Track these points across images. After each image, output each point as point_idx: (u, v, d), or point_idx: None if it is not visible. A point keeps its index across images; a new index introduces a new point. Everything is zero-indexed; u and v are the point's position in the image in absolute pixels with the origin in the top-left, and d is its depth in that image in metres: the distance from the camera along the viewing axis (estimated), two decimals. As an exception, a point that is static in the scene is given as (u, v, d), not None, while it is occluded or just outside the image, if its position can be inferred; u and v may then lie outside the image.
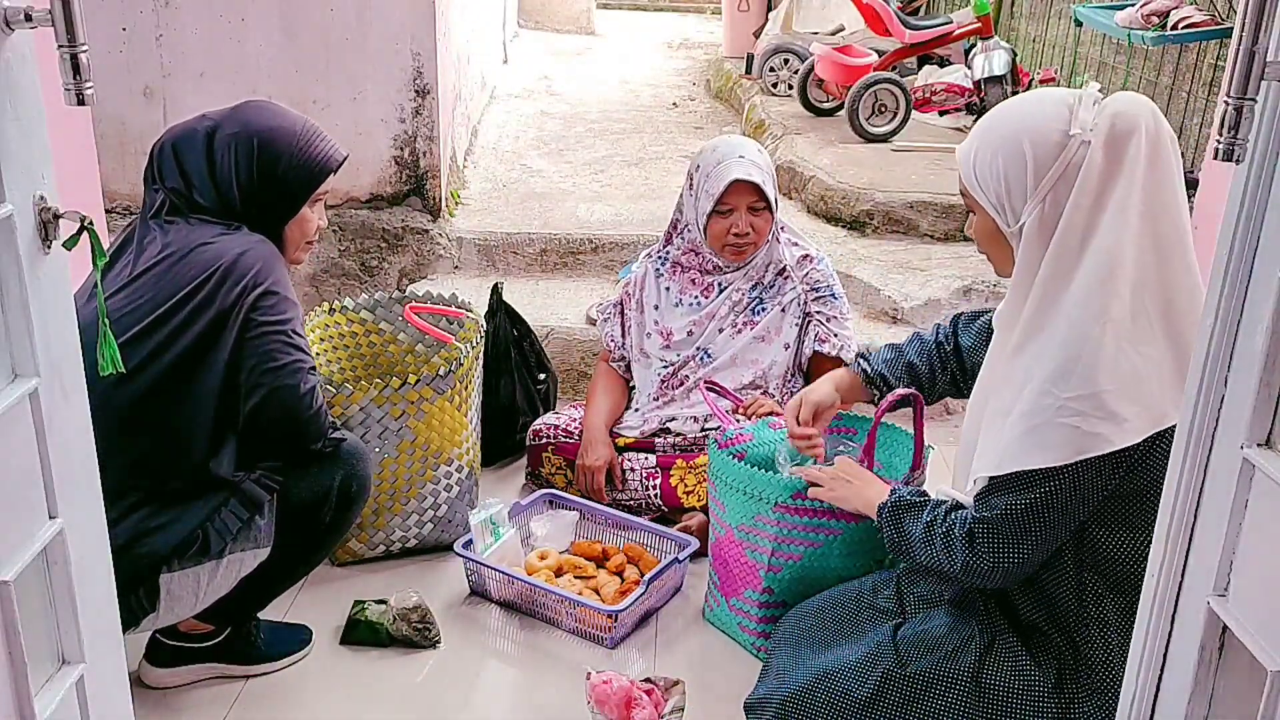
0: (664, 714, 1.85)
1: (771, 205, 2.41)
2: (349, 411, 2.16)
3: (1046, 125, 1.49)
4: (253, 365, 1.73)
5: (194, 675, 1.95)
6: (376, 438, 2.19)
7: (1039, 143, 1.48)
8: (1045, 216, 1.49)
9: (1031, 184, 1.49)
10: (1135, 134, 1.45)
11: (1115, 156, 1.45)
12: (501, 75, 5.91)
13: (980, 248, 1.65)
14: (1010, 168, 1.50)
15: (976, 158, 1.55)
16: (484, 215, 3.81)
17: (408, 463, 2.25)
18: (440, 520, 2.35)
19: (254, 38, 3.37)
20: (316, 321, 2.51)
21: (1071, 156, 1.46)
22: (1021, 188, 1.50)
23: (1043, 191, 1.48)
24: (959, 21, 4.81)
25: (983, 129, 1.57)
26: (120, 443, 1.66)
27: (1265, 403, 0.95)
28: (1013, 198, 1.51)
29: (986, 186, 1.54)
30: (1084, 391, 1.42)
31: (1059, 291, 1.48)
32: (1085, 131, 1.46)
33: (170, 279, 1.72)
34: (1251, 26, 0.89)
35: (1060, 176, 1.47)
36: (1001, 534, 1.53)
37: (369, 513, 2.25)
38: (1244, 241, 0.96)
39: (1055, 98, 1.52)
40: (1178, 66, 3.60)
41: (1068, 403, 1.43)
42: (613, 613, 2.06)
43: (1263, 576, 0.96)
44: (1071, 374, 1.44)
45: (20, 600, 0.96)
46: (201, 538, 1.75)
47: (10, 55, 0.93)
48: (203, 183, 1.80)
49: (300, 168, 1.86)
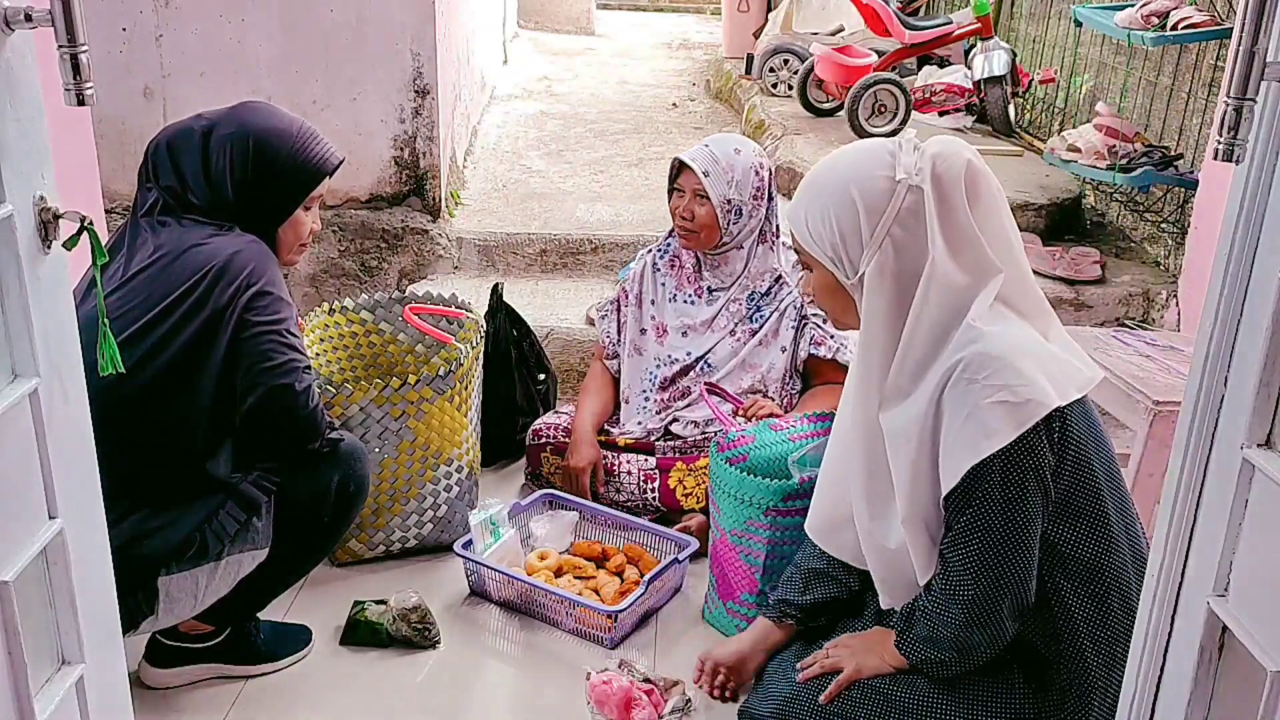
0: (664, 714, 1.85)
1: (714, 201, 2.39)
2: (349, 411, 2.16)
3: (873, 173, 1.54)
4: (248, 366, 1.73)
5: (194, 675, 1.95)
6: (376, 438, 2.19)
7: (867, 191, 1.53)
8: (884, 262, 1.54)
9: (866, 233, 1.54)
10: (958, 172, 1.52)
11: (942, 195, 1.52)
12: (501, 75, 5.91)
13: (819, 303, 1.68)
14: (843, 219, 1.55)
15: (808, 214, 1.59)
16: (484, 215, 3.81)
17: (408, 463, 2.25)
18: (440, 520, 2.35)
19: (254, 38, 3.37)
20: (316, 322, 2.51)
21: (901, 201, 1.52)
22: (857, 237, 1.54)
23: (878, 239, 1.53)
24: (959, 22, 4.81)
25: (809, 185, 1.61)
26: (117, 445, 1.64)
27: (1265, 403, 0.95)
28: (849, 248, 1.55)
29: (822, 240, 1.58)
30: (995, 367, 1.47)
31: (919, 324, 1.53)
32: (911, 176, 1.52)
33: (163, 280, 1.72)
34: (1251, 27, 0.89)
35: (894, 221, 1.52)
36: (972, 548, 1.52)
37: (369, 513, 2.25)
38: (1244, 241, 0.96)
39: (875, 147, 1.58)
40: (1178, 66, 3.60)
41: (987, 383, 1.47)
42: (612, 613, 2.06)
43: (1263, 576, 0.96)
44: (975, 362, 1.48)
45: (20, 600, 0.96)
46: (199, 540, 1.74)
47: (10, 55, 0.93)
48: (197, 182, 1.80)
49: (296, 169, 1.85)
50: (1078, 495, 1.55)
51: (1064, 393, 1.50)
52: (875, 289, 1.55)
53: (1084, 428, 1.55)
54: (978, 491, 1.50)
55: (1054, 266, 3.44)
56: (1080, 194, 3.96)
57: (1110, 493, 1.59)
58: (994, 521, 1.50)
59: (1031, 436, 1.47)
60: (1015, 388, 1.46)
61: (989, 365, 1.47)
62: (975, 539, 1.52)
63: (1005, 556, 1.52)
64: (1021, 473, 1.49)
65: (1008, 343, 1.50)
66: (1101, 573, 1.58)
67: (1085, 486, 1.56)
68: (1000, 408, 1.46)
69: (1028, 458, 1.48)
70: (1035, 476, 1.50)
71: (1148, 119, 3.79)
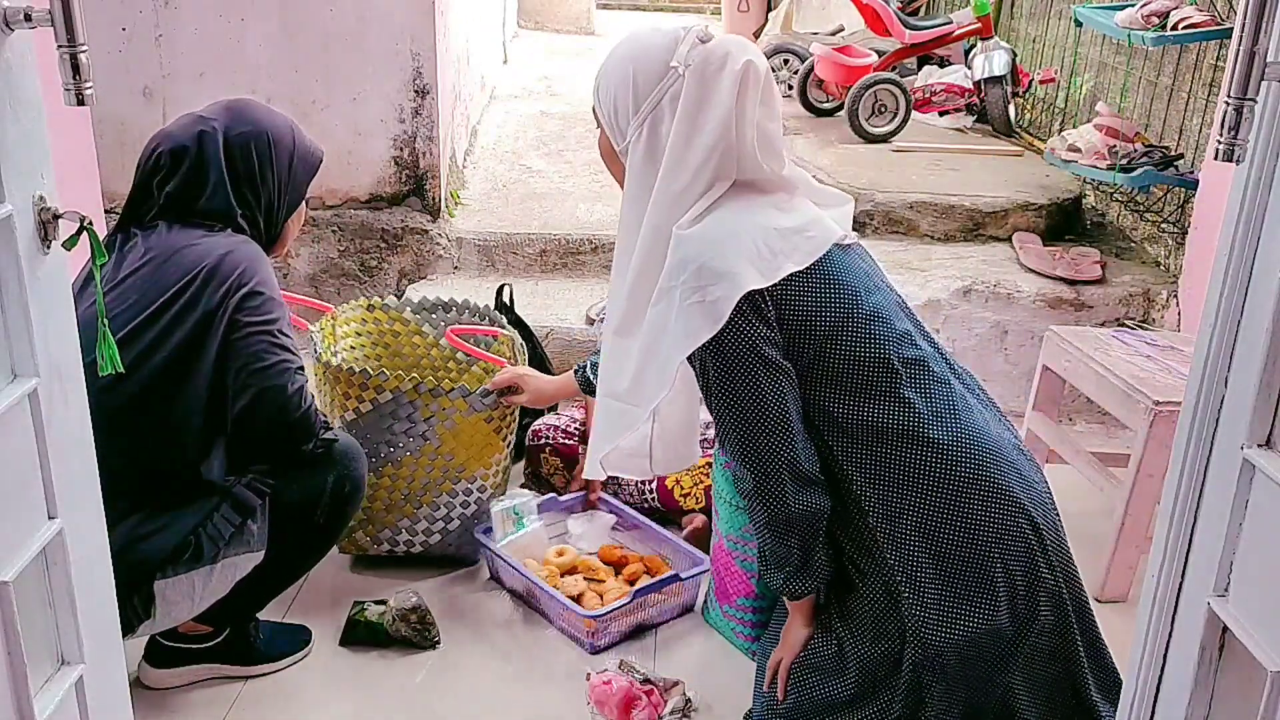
0: (664, 714, 1.85)
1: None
2: (381, 398, 2.13)
3: (653, 54, 1.63)
4: (240, 366, 1.72)
5: (193, 676, 1.95)
6: (402, 433, 2.17)
7: (642, 69, 1.63)
8: (647, 139, 1.64)
9: (633, 108, 1.64)
10: (724, 68, 1.59)
11: (702, 89, 1.59)
12: (501, 75, 5.91)
13: (604, 163, 1.80)
14: (619, 89, 1.65)
15: (599, 77, 1.70)
16: (484, 215, 3.81)
17: (428, 467, 2.21)
18: (450, 534, 2.28)
19: (254, 38, 3.37)
20: (353, 315, 2.49)
21: (669, 86, 1.61)
22: (626, 109, 1.65)
23: (642, 116, 1.63)
24: (959, 22, 4.81)
25: (611, 51, 1.71)
26: (111, 447, 1.64)
27: (1265, 403, 0.95)
28: (619, 117, 1.66)
29: (603, 104, 1.69)
30: (690, 270, 1.56)
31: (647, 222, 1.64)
32: (682, 65, 1.60)
33: (155, 282, 1.71)
34: (1251, 27, 0.89)
35: (657, 104, 1.62)
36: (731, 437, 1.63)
37: (380, 507, 2.22)
38: (1244, 241, 0.97)
39: (670, 31, 1.66)
40: (1178, 67, 3.60)
41: (684, 286, 1.57)
42: (590, 617, 2.05)
43: (1263, 576, 0.96)
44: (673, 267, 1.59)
45: (20, 601, 0.96)
46: (195, 543, 1.74)
47: (10, 55, 0.93)
48: (220, 185, 1.79)
49: (304, 159, 1.91)
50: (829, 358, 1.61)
51: (774, 271, 1.57)
52: (631, 162, 1.67)
53: (809, 297, 1.60)
54: (706, 383, 1.63)
55: (1054, 266, 3.44)
56: (1080, 194, 3.96)
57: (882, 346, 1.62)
58: (731, 406, 1.61)
59: (738, 321, 1.56)
60: (706, 288, 1.55)
61: (684, 269, 1.57)
62: (728, 428, 1.63)
63: (756, 434, 1.61)
64: (736, 356, 1.58)
65: (708, 240, 1.57)
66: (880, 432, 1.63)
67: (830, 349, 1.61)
68: (696, 308, 1.56)
69: (737, 342, 1.58)
70: (754, 355, 1.58)
71: (1148, 119, 3.79)
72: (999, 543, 1.61)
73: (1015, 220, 3.78)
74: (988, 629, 1.61)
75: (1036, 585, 1.63)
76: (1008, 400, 3.28)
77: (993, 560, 1.61)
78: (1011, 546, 1.62)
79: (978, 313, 3.30)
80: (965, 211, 3.78)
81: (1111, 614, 2.25)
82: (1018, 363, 3.29)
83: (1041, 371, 2.58)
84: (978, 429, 1.65)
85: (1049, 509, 1.69)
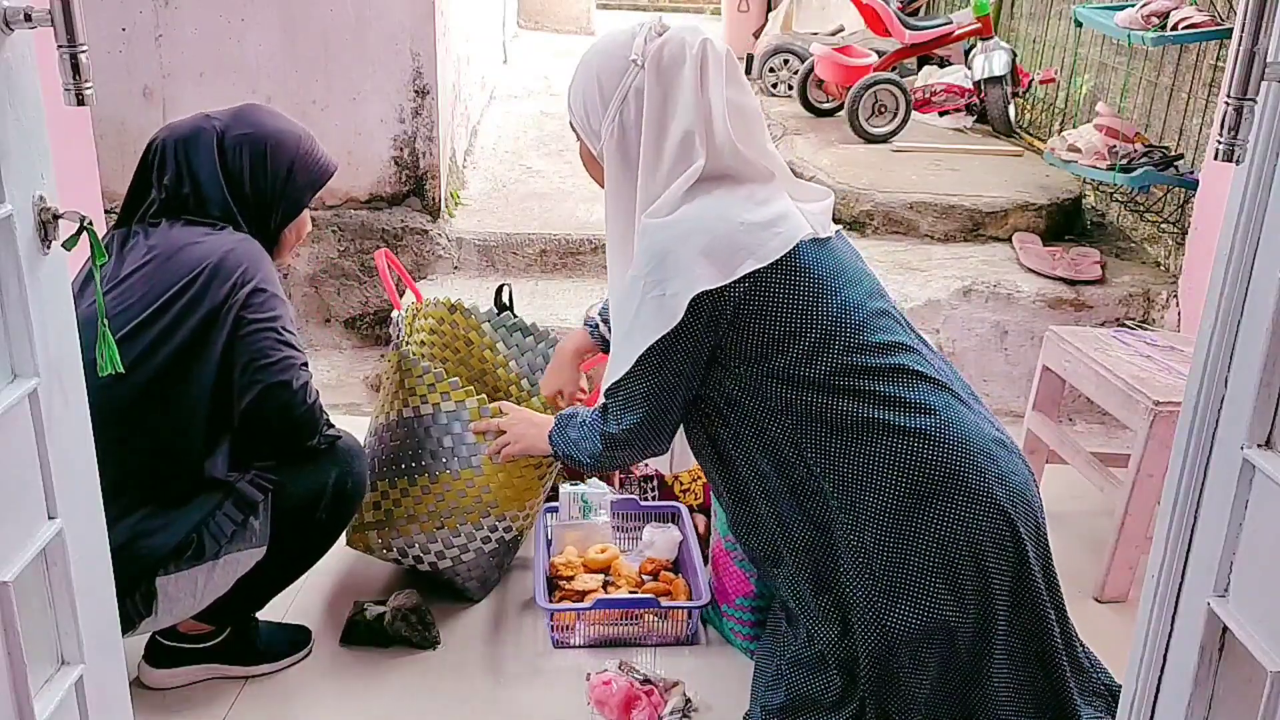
0: (664, 714, 1.85)
1: None
2: (444, 404, 2.06)
3: (613, 52, 1.67)
4: (245, 363, 1.73)
5: (193, 676, 1.95)
6: (448, 449, 2.07)
7: (605, 69, 1.67)
8: (618, 136, 1.67)
9: (601, 108, 1.68)
10: (682, 54, 1.62)
11: (665, 80, 1.63)
12: (501, 75, 5.91)
13: (587, 171, 1.83)
14: (587, 92, 1.70)
15: (570, 88, 1.74)
16: (484, 215, 3.81)
17: (461, 493, 2.08)
18: (461, 564, 2.16)
19: (254, 38, 3.37)
20: (434, 311, 2.41)
21: (632, 80, 1.65)
22: (596, 110, 1.69)
23: (611, 114, 1.67)
24: (959, 22, 4.81)
25: (578, 63, 1.74)
26: (115, 445, 1.65)
27: (1265, 403, 0.95)
28: (591, 119, 1.70)
29: (574, 111, 1.73)
30: (653, 264, 1.60)
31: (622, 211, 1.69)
32: (641, 57, 1.63)
33: (158, 280, 1.72)
34: (1251, 27, 0.90)
35: (624, 100, 1.65)
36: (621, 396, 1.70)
37: (402, 514, 2.12)
38: (1244, 241, 0.96)
39: (629, 29, 1.69)
40: (1178, 67, 3.60)
41: (647, 278, 1.61)
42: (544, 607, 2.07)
43: (1263, 576, 0.96)
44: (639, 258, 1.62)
45: (20, 601, 0.96)
46: (197, 540, 1.74)
47: (10, 55, 0.93)
48: (212, 181, 1.80)
49: (306, 170, 1.89)
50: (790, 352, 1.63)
51: (733, 268, 1.58)
52: (608, 162, 1.70)
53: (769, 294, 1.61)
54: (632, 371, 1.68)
55: (1054, 266, 3.44)
56: (1080, 194, 3.97)
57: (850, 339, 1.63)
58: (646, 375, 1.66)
59: (688, 320, 1.59)
60: (665, 282, 1.59)
61: (647, 261, 1.61)
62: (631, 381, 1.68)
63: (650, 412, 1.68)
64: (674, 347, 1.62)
65: (672, 233, 1.60)
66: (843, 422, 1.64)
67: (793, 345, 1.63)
68: (654, 302, 1.60)
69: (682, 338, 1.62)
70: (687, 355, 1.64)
71: (1148, 119, 3.80)
72: (969, 538, 1.60)
73: (1015, 220, 3.79)
74: (939, 624, 1.61)
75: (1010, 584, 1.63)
76: (1008, 400, 3.28)
77: (960, 555, 1.60)
78: (982, 542, 1.61)
79: (978, 313, 3.30)
80: (965, 211, 3.79)
81: (1111, 614, 2.26)
82: (1018, 363, 3.29)
83: (1041, 372, 2.58)
84: (952, 421, 1.64)
85: (1030, 500, 1.67)
